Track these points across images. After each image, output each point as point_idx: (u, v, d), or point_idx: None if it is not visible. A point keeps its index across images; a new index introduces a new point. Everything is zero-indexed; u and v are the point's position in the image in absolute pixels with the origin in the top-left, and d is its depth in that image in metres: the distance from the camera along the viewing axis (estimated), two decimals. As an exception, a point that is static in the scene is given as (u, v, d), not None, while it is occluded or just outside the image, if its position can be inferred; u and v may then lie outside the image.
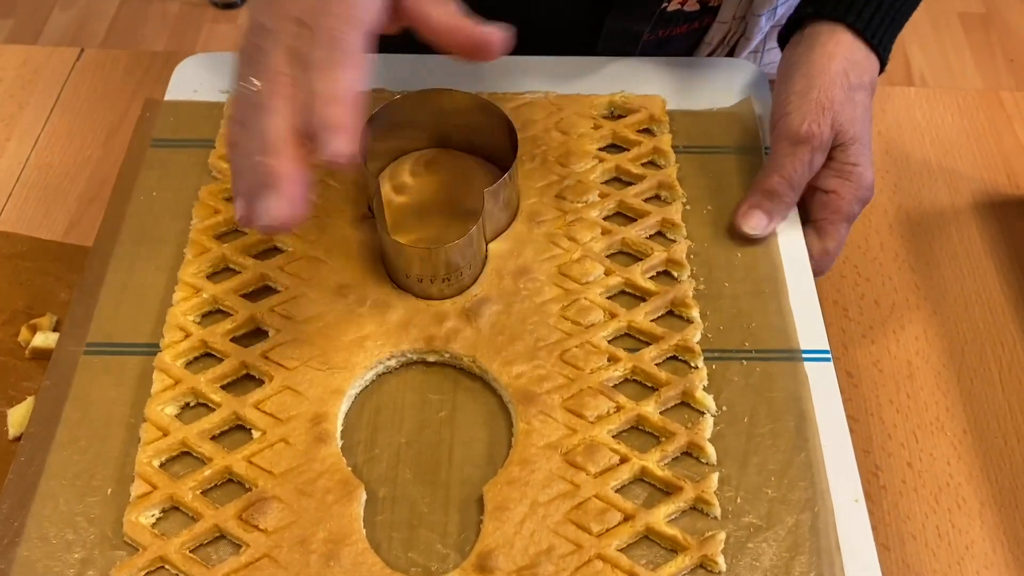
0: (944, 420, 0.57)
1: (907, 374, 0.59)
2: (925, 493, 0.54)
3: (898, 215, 0.66)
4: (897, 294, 0.62)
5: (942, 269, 0.63)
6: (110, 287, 0.50)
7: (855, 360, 0.59)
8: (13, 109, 0.68)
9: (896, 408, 0.57)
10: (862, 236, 0.65)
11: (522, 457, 0.43)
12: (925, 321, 0.61)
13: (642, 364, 0.46)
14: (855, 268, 0.63)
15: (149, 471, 0.43)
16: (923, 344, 0.60)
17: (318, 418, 0.44)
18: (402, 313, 0.48)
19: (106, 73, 0.71)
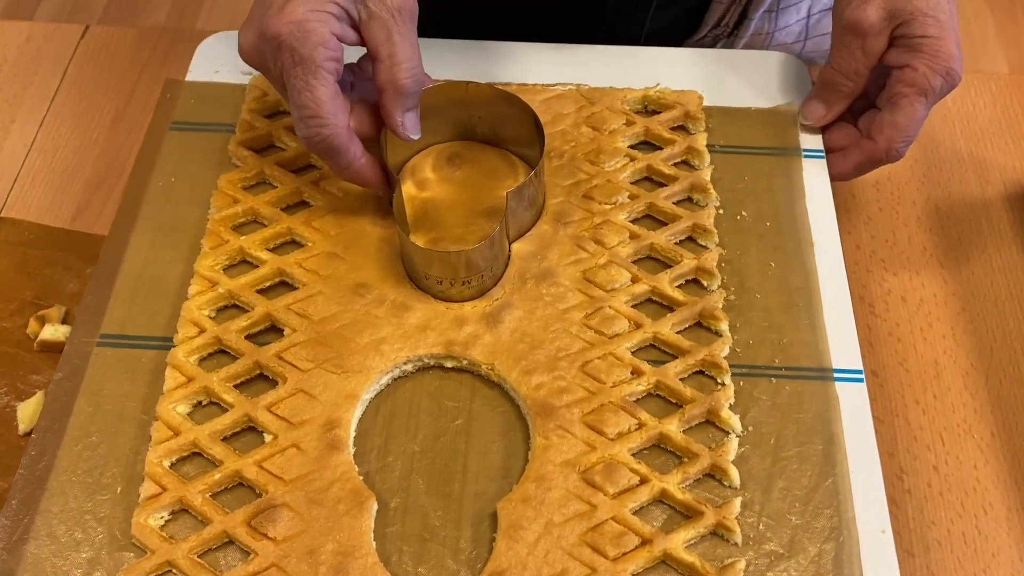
0: (972, 422, 0.55)
1: (934, 374, 0.57)
2: (951, 498, 0.52)
3: (927, 207, 0.63)
4: (925, 289, 0.60)
5: (971, 264, 0.61)
6: (125, 276, 0.49)
7: (880, 359, 0.57)
8: (17, 89, 0.67)
9: (922, 409, 0.56)
10: (889, 229, 0.62)
11: (538, 474, 0.42)
12: (953, 318, 0.58)
13: (666, 379, 0.45)
14: (881, 262, 0.61)
15: (159, 472, 0.42)
16: (951, 343, 0.58)
17: (331, 424, 0.43)
18: (420, 316, 0.46)
19: (112, 51, 0.69)
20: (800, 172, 0.53)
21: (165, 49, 0.68)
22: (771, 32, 0.68)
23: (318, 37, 0.44)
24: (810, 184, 0.53)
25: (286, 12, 0.44)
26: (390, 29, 0.45)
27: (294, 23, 0.43)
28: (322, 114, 0.44)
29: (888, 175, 0.63)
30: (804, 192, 0.52)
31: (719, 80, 0.57)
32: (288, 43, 0.44)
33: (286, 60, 0.44)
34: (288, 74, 0.44)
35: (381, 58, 0.45)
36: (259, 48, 0.45)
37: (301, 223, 0.50)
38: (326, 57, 0.44)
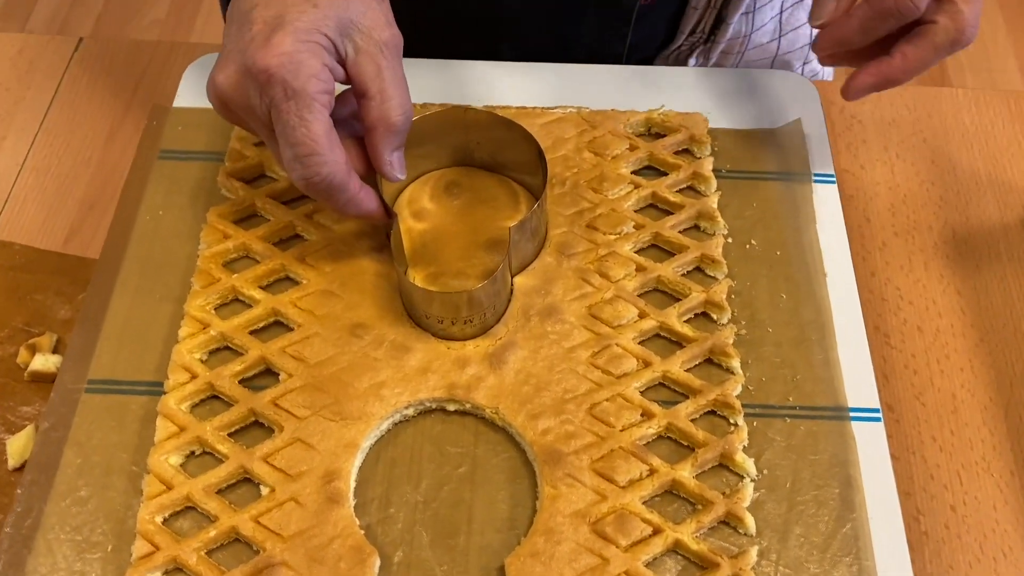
0: (990, 459, 0.53)
1: (951, 408, 0.55)
2: (969, 540, 0.51)
3: (943, 232, 0.62)
4: (942, 319, 0.58)
5: (990, 293, 0.59)
6: (113, 317, 0.47)
7: (896, 392, 0.56)
8: (8, 104, 0.65)
9: (939, 446, 0.54)
10: (905, 255, 0.61)
11: (547, 526, 0.40)
12: (971, 350, 0.57)
13: (678, 422, 0.43)
14: (897, 291, 0.59)
15: (152, 529, 0.40)
16: (969, 375, 0.56)
17: (330, 475, 0.41)
18: (421, 357, 0.45)
19: (106, 65, 0.67)
20: (810, 198, 0.52)
21: (160, 63, 0.66)
22: (748, 34, 0.66)
23: (310, 69, 0.41)
24: (821, 210, 0.51)
25: (273, 44, 0.41)
26: (380, 64, 0.43)
27: (285, 55, 0.41)
28: (320, 151, 0.42)
29: (904, 199, 0.61)
30: (815, 219, 0.51)
31: (722, 99, 0.55)
32: (279, 76, 0.41)
33: (277, 94, 0.41)
34: (279, 110, 0.42)
35: (371, 95, 0.43)
36: (242, 85, 0.42)
37: (295, 259, 0.48)
38: (319, 90, 0.42)
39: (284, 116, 0.42)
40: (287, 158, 0.43)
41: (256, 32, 0.42)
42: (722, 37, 0.65)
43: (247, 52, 0.42)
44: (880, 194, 0.61)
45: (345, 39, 0.43)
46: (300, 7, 0.42)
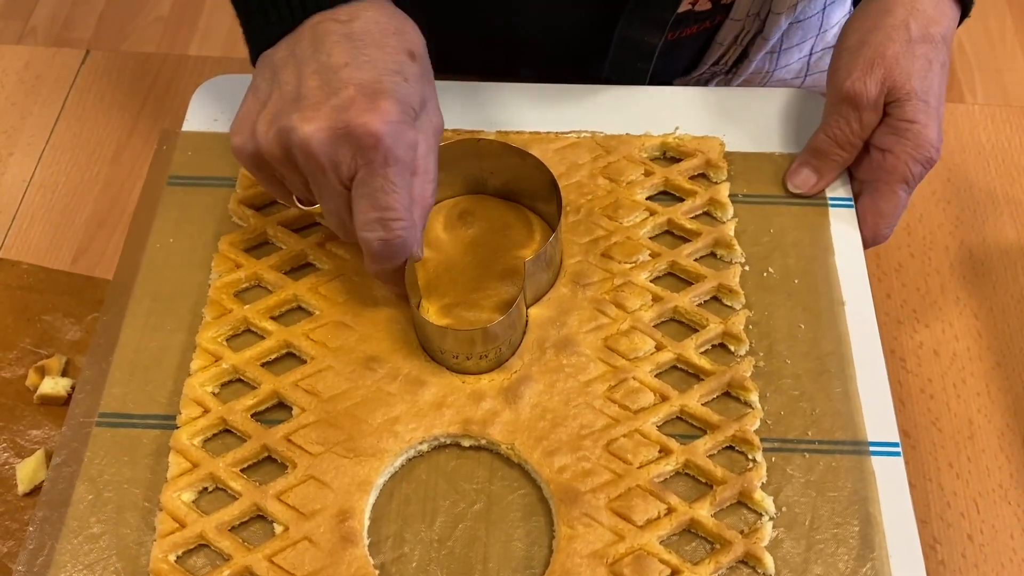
0: (1008, 487, 0.53)
1: (968, 434, 0.55)
2: (987, 569, 0.50)
3: (960, 252, 0.61)
4: (958, 343, 0.58)
5: (1007, 315, 0.58)
6: (124, 349, 0.47)
7: (912, 418, 0.55)
8: (15, 119, 0.64)
9: (956, 473, 0.54)
10: (921, 277, 0.60)
11: (564, 568, 0.40)
12: (988, 374, 0.56)
13: (696, 458, 0.43)
14: (913, 313, 0.59)
15: (165, 568, 0.40)
16: (986, 400, 0.56)
17: (344, 514, 0.41)
18: (435, 391, 0.44)
19: (113, 78, 0.67)
20: (827, 224, 0.51)
21: (168, 77, 0.65)
22: (771, 71, 0.66)
23: (410, 139, 0.42)
24: (838, 236, 0.51)
25: (383, 111, 0.41)
26: (431, 147, 0.44)
27: (392, 124, 0.41)
28: (404, 216, 0.42)
29: (920, 218, 0.61)
30: (832, 246, 0.50)
31: (740, 121, 0.55)
32: (386, 143, 0.41)
33: (378, 159, 0.41)
34: (376, 175, 0.41)
35: (419, 172, 0.43)
36: (336, 144, 0.41)
37: (307, 289, 0.47)
38: (412, 159, 0.42)
39: (379, 181, 0.42)
40: (368, 219, 0.42)
41: (354, 95, 0.41)
42: (744, 71, 0.65)
43: (349, 112, 0.41)
44: (895, 216, 0.60)
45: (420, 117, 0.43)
46: (394, 78, 0.42)
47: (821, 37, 0.66)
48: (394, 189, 0.42)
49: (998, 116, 0.68)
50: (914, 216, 0.62)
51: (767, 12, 0.61)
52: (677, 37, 0.60)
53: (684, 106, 0.55)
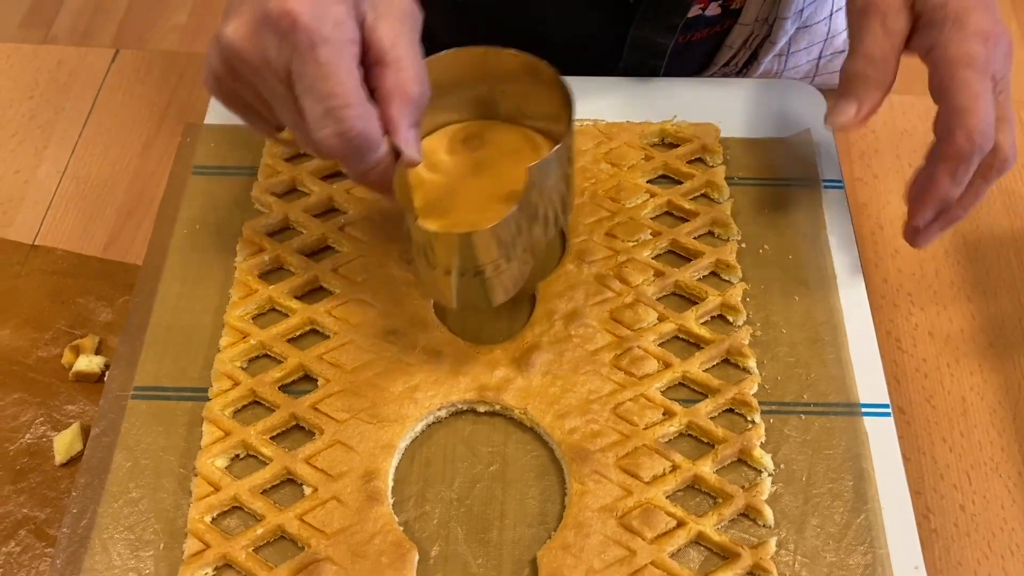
0: (999, 461, 0.55)
1: (961, 411, 0.57)
2: (978, 538, 0.52)
3: (954, 240, 0.63)
4: (952, 325, 0.60)
5: (999, 299, 0.61)
6: (156, 328, 0.49)
7: (907, 395, 0.58)
8: (49, 115, 0.67)
9: (949, 447, 0.56)
10: (916, 262, 0.63)
11: (576, 520, 0.42)
12: (981, 355, 0.59)
13: (698, 419, 0.45)
14: (908, 296, 0.61)
15: (202, 528, 0.43)
16: (978, 379, 0.58)
17: (369, 475, 0.44)
18: (452, 361, 0.47)
19: (141, 76, 0.70)
20: (820, 203, 0.54)
21: (194, 74, 0.68)
22: (780, 71, 0.68)
23: (337, 15, 0.38)
24: (830, 215, 0.54)
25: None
26: (398, 32, 0.40)
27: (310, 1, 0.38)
28: (354, 102, 0.38)
29: (916, 208, 0.63)
30: (825, 224, 0.53)
31: (735, 110, 0.57)
32: (304, 21, 0.37)
33: (302, 41, 0.37)
34: (304, 59, 0.38)
35: (388, 62, 0.40)
36: (256, 35, 0.38)
37: (328, 270, 0.50)
38: (348, 39, 0.38)
39: (311, 66, 0.38)
40: (315, 115, 0.38)
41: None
42: (753, 72, 0.67)
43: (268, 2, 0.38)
44: (892, 202, 0.63)
45: (366, 3, 0.40)
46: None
47: (829, 43, 0.68)
48: (332, 72, 0.38)
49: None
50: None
51: (775, 17, 0.63)
52: (688, 40, 0.63)
53: (681, 96, 0.58)
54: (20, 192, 0.63)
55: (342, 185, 0.53)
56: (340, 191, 0.53)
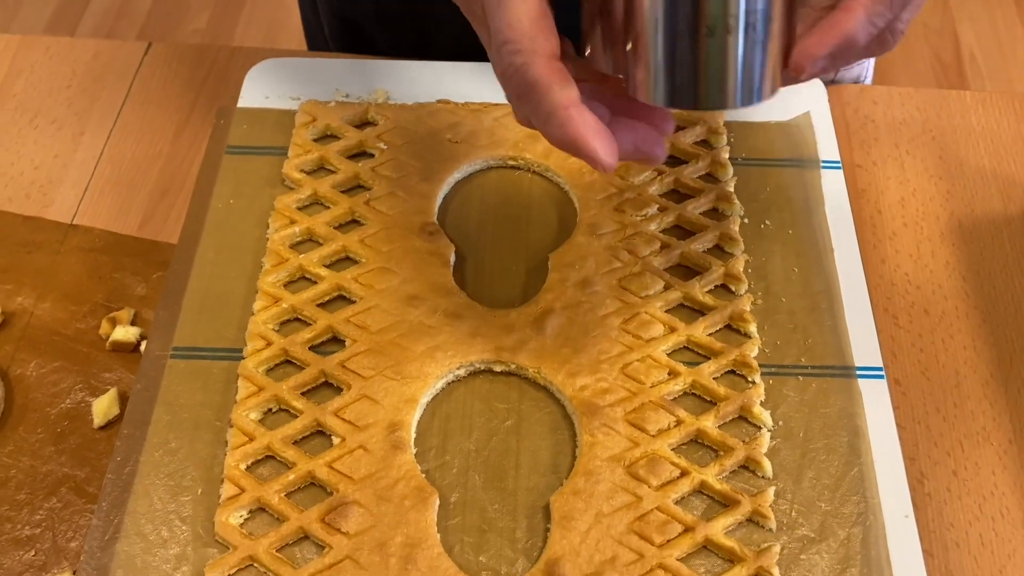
0: (991, 430, 0.58)
1: (955, 383, 0.60)
2: (969, 502, 0.55)
3: (950, 223, 0.66)
4: (947, 302, 0.63)
5: (993, 278, 0.63)
6: (192, 294, 0.52)
7: (903, 368, 0.60)
8: (86, 103, 0.71)
9: (943, 416, 0.58)
10: (913, 244, 0.65)
11: (587, 469, 0.45)
12: (974, 331, 0.61)
13: (701, 379, 0.48)
14: (905, 276, 0.64)
15: (237, 474, 0.46)
16: (971, 353, 0.60)
17: (394, 426, 0.47)
18: (471, 324, 0.50)
19: (173, 68, 0.73)
20: (819, 182, 0.57)
21: (223, 66, 0.72)
22: None
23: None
24: (828, 193, 0.56)
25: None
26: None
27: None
28: (514, 38, 0.35)
29: (913, 192, 0.66)
30: (823, 201, 0.56)
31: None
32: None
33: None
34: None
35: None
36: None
37: (355, 241, 0.53)
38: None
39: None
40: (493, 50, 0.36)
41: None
42: None
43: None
44: (891, 188, 0.65)
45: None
46: None
47: None
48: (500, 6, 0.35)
49: (988, 102, 0.74)
50: (908, 190, 0.68)
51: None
52: None
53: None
54: (59, 175, 0.66)
55: (367, 164, 0.57)
56: (366, 169, 0.56)
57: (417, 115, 0.59)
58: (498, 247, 0.54)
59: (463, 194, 0.57)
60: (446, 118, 0.58)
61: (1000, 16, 1.81)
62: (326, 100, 0.60)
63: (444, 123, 0.58)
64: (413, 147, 0.57)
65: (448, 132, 0.58)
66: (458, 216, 0.56)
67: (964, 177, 0.69)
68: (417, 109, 0.59)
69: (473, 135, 0.57)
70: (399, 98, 0.60)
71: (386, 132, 0.58)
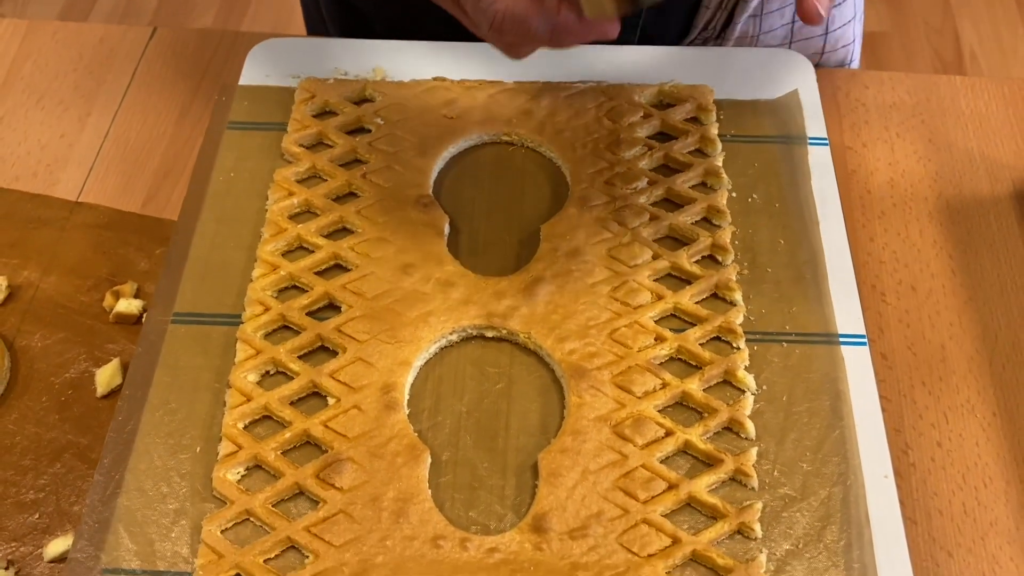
0: (975, 403, 0.59)
1: (940, 357, 0.61)
2: (953, 472, 0.56)
3: (938, 203, 0.67)
4: (934, 280, 0.64)
5: (980, 257, 0.65)
6: (194, 262, 0.54)
7: (890, 343, 0.61)
8: (92, 85, 0.73)
9: (928, 390, 0.60)
10: (901, 223, 0.67)
11: (574, 428, 0.47)
12: (960, 307, 0.62)
13: (687, 344, 0.49)
14: (894, 254, 0.65)
15: (235, 432, 0.47)
16: (957, 329, 0.61)
17: (387, 387, 0.48)
18: (463, 291, 0.51)
19: (177, 52, 0.75)
20: (805, 158, 0.58)
21: (226, 52, 0.74)
22: (756, 35, 0.71)
23: None
24: (815, 168, 0.58)
25: None
26: None
27: None
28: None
29: (902, 173, 0.67)
30: (810, 176, 0.57)
31: (729, 76, 0.62)
32: None
33: None
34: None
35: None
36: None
37: (352, 212, 0.55)
38: None
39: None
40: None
41: None
42: (731, 35, 0.71)
43: None
44: (880, 169, 0.67)
45: None
46: None
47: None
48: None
49: (977, 86, 0.75)
50: (897, 172, 0.69)
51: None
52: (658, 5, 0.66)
53: (676, 64, 0.63)
54: (65, 154, 0.68)
55: (364, 138, 0.58)
56: (363, 143, 0.58)
57: (414, 92, 0.60)
58: (491, 219, 0.56)
59: (458, 168, 0.58)
60: (442, 95, 0.60)
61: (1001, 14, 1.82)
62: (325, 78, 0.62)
63: (440, 99, 0.60)
64: (409, 123, 0.59)
65: (444, 108, 0.59)
66: (453, 189, 0.57)
67: (953, 159, 0.70)
68: (414, 86, 0.60)
69: (468, 111, 0.59)
70: (396, 77, 0.62)
71: (383, 108, 0.59)
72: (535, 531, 0.44)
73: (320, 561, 0.43)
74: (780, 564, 0.44)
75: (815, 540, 0.44)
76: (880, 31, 1.77)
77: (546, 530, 0.44)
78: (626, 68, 0.62)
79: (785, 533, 0.45)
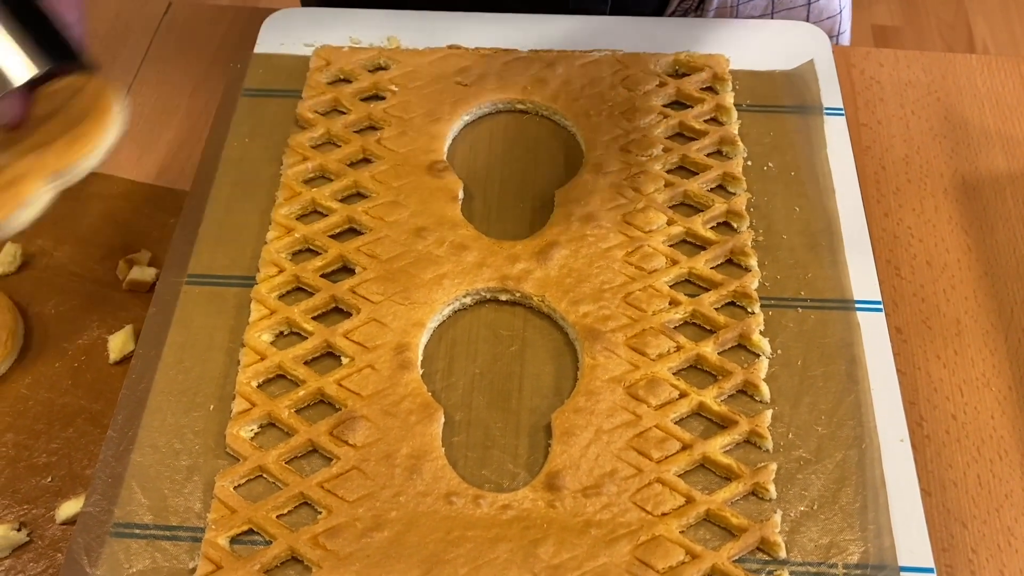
0: (990, 376, 0.58)
1: (955, 332, 0.60)
2: (968, 444, 0.56)
3: (954, 179, 0.67)
4: (949, 255, 0.64)
5: (996, 233, 0.64)
6: (209, 225, 0.54)
7: (905, 317, 0.61)
8: (107, 59, 0.73)
9: (943, 363, 0.59)
10: (917, 199, 0.66)
11: (588, 388, 0.46)
12: (976, 282, 0.62)
13: (702, 308, 0.49)
14: (908, 229, 0.65)
15: (248, 390, 0.47)
16: (972, 304, 0.61)
17: (401, 347, 0.48)
18: (477, 254, 0.51)
19: (191, 27, 0.75)
20: (821, 128, 0.58)
21: (241, 26, 0.74)
22: (735, 6, 0.69)
23: None
24: (830, 138, 0.57)
25: None
26: None
27: None
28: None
29: (917, 149, 0.67)
30: (825, 145, 0.57)
31: (745, 47, 0.62)
32: None
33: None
34: None
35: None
36: None
37: (366, 177, 0.55)
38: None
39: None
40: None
41: None
42: (710, 7, 0.69)
43: None
44: (895, 146, 0.66)
45: None
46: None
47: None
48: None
49: (993, 64, 0.74)
50: (912, 148, 0.69)
51: None
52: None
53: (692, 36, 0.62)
54: (80, 125, 0.68)
55: (379, 105, 0.58)
56: (378, 110, 0.58)
57: (428, 60, 0.60)
58: (506, 185, 0.56)
59: (472, 136, 0.58)
60: (456, 62, 0.60)
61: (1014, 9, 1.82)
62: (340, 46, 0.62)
63: (454, 67, 0.60)
64: (424, 90, 0.59)
65: (458, 76, 0.59)
66: (467, 156, 0.57)
67: (968, 136, 0.69)
68: (428, 54, 0.60)
69: (482, 79, 0.59)
70: (411, 45, 0.62)
71: (398, 76, 0.59)
72: (548, 489, 0.44)
73: (333, 516, 0.43)
74: (795, 525, 0.44)
75: (830, 502, 0.44)
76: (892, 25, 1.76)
77: (559, 488, 0.44)
78: (640, 39, 0.62)
79: (800, 495, 0.44)
